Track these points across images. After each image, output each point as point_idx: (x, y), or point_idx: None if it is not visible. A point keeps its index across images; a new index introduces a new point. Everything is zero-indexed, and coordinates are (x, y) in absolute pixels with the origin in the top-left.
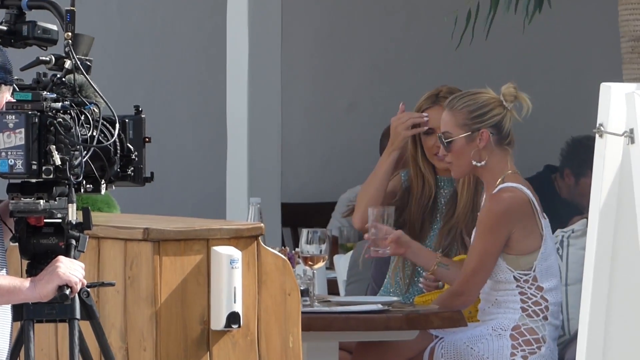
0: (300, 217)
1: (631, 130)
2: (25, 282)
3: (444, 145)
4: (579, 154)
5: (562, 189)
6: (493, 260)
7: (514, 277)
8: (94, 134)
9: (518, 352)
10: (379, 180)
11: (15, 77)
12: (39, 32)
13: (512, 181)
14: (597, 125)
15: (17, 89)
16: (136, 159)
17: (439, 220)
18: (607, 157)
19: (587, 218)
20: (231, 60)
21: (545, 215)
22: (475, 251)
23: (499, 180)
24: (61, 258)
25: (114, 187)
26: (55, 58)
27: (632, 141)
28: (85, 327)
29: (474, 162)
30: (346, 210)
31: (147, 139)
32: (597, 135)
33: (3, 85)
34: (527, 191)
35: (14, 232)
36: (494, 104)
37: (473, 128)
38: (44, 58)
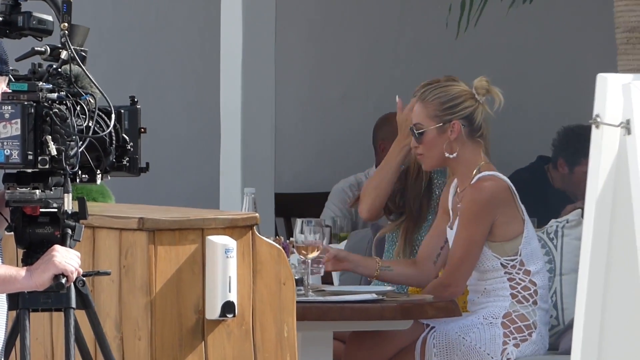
0: (293, 207)
1: (627, 121)
2: (21, 271)
3: (415, 136)
4: (572, 143)
5: (556, 179)
6: (478, 248)
7: (501, 263)
8: (90, 124)
9: (510, 340)
10: (389, 174)
11: (11, 68)
12: (34, 22)
13: (488, 170)
14: (594, 116)
15: (13, 80)
16: (131, 149)
17: (434, 211)
18: (603, 148)
19: (580, 208)
20: (225, 51)
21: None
22: (460, 241)
23: (475, 171)
24: (57, 247)
25: (109, 177)
26: (50, 49)
27: (629, 132)
28: (80, 316)
29: (446, 154)
30: (351, 200)
31: (142, 130)
32: (593, 126)
33: None
34: (505, 178)
35: (9, 221)
36: (466, 97)
37: (444, 119)
38: (39, 49)
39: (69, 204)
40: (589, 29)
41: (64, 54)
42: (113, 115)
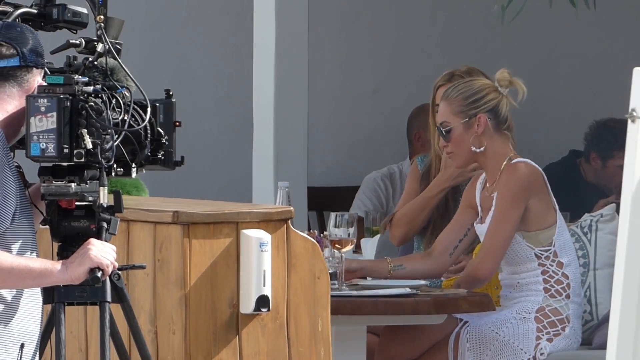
0: (325, 200)
1: None
2: (57, 265)
3: (443, 135)
4: (605, 137)
5: (588, 173)
6: (513, 230)
7: (535, 254)
8: (125, 117)
9: (543, 334)
10: (425, 210)
11: (46, 61)
12: (69, 15)
13: (520, 158)
14: (630, 110)
15: (49, 73)
16: (166, 142)
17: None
18: (639, 142)
19: (613, 202)
20: (258, 45)
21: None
22: (497, 224)
23: (504, 162)
24: (93, 241)
25: (144, 171)
26: (85, 41)
27: None
28: (115, 309)
29: (474, 149)
30: (384, 222)
31: (177, 123)
32: (629, 121)
33: (35, 69)
34: (537, 166)
35: (45, 215)
36: (489, 89)
37: (470, 114)
38: (74, 41)
39: (105, 197)
40: (622, 21)
41: (99, 47)
42: (149, 109)
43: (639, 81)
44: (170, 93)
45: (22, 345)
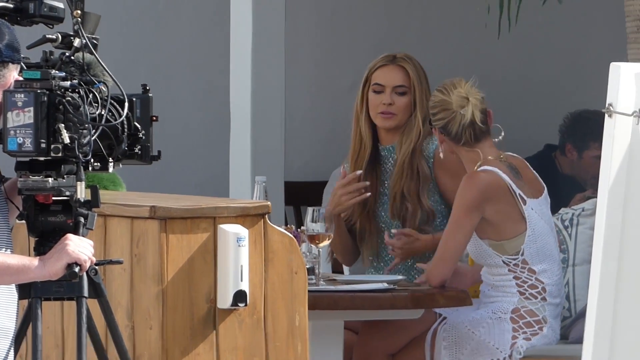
0: (302, 195)
1: None
2: (34, 261)
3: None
4: (580, 128)
5: (564, 166)
6: (464, 238)
7: (503, 261)
8: (102, 112)
9: (519, 334)
10: (340, 237)
11: (22, 56)
12: (45, 10)
13: (490, 165)
14: (607, 104)
15: (25, 68)
16: (143, 137)
17: (387, 192)
18: (616, 137)
19: (590, 196)
20: (235, 40)
21: (524, 198)
22: (446, 230)
23: (476, 167)
24: (70, 236)
25: (120, 165)
26: (62, 36)
27: None
28: (92, 305)
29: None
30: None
31: (154, 118)
32: (606, 115)
33: (11, 64)
34: (503, 175)
35: (21, 210)
36: (440, 108)
37: (431, 125)
38: (50, 36)
39: (82, 192)
40: (598, 18)
41: (76, 42)
42: (126, 104)
43: (615, 76)
44: (147, 88)
45: None
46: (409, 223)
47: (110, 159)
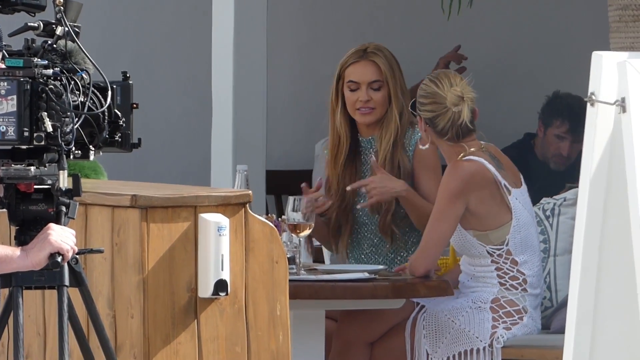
0: (284, 184)
1: (622, 99)
2: (17, 251)
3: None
4: (551, 106)
5: (537, 147)
6: (448, 227)
7: (487, 251)
8: (84, 100)
9: (499, 324)
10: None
11: (4, 43)
12: None
13: (474, 155)
14: (589, 94)
15: (7, 56)
16: (124, 125)
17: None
18: (598, 126)
19: (574, 186)
20: (216, 28)
21: (509, 188)
22: (430, 220)
23: (460, 156)
24: (52, 225)
25: (101, 153)
26: (43, 24)
27: (624, 110)
28: (73, 293)
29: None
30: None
31: (134, 105)
32: (588, 104)
33: None
34: (489, 166)
35: (2, 198)
36: (432, 101)
37: (417, 113)
38: (32, 24)
39: (64, 181)
40: (580, 6)
41: (59, 30)
42: (109, 92)
43: (597, 65)
44: (128, 75)
45: None
46: (383, 218)
47: (92, 147)
